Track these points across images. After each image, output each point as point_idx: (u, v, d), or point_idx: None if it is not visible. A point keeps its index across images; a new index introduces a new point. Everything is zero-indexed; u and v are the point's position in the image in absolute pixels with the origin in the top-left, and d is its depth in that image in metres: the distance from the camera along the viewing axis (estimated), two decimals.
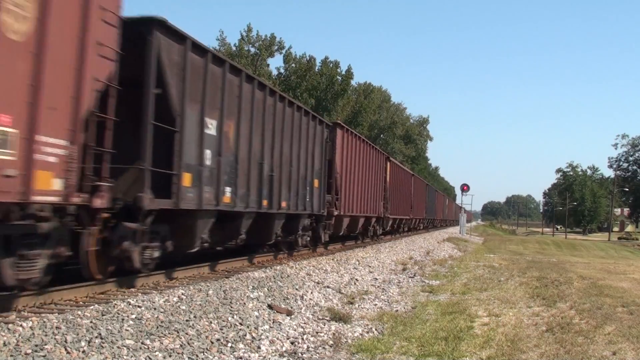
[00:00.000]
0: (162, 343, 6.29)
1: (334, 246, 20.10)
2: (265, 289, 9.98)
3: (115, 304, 7.06)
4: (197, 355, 6.30)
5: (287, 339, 7.75)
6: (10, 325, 5.71)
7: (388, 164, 27.11)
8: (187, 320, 7.19)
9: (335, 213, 17.72)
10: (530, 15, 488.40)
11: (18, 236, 6.18)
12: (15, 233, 6.15)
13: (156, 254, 8.81)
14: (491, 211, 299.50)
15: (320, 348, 7.50)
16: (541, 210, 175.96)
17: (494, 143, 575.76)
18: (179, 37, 8.97)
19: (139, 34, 8.22)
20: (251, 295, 9.25)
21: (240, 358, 6.64)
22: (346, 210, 18.89)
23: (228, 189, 10.57)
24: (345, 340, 8.01)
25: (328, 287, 12.00)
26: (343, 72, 57.58)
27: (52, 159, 6.18)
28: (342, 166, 18.24)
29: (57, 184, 6.30)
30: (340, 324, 8.93)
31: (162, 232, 9.05)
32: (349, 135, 19.18)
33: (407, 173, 32.04)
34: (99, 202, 7.04)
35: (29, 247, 6.29)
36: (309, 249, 16.93)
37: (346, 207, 18.86)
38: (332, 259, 15.76)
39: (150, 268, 8.85)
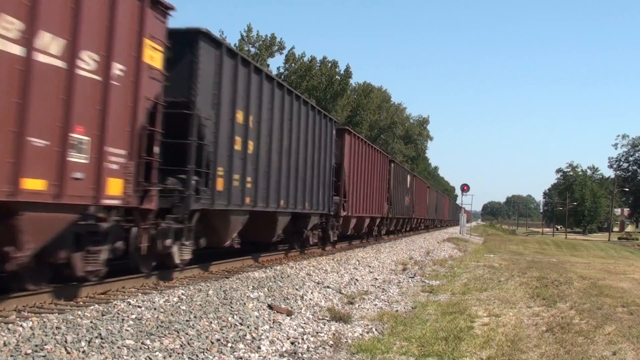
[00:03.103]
0: (162, 343, 6.29)
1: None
2: (266, 289, 9.98)
3: (115, 304, 7.06)
4: (197, 356, 6.30)
5: (287, 339, 7.75)
6: (10, 325, 5.72)
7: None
8: (187, 321, 7.19)
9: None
10: (530, 15, 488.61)
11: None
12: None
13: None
14: (491, 211, 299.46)
15: (320, 348, 7.50)
16: (541, 211, 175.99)
17: (494, 143, 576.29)
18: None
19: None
20: (251, 296, 9.25)
21: (241, 358, 6.63)
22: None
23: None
24: (345, 340, 8.01)
25: (328, 287, 12.00)
26: (342, 72, 57.60)
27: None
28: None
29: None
30: (340, 324, 8.93)
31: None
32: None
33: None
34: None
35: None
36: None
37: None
38: (332, 259, 15.76)
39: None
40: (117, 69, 7.27)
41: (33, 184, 6.02)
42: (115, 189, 7.33)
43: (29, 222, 6.16)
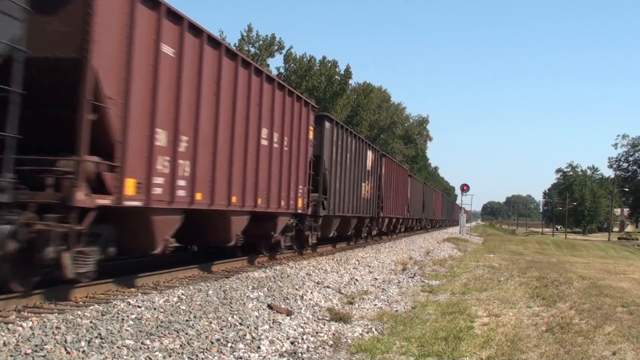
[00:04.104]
0: (162, 343, 6.29)
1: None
2: (265, 289, 9.98)
3: (115, 304, 7.06)
4: (197, 355, 6.30)
5: (287, 339, 7.75)
6: (10, 325, 5.71)
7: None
8: (187, 320, 7.19)
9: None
10: (530, 15, 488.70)
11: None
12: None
13: None
14: (491, 211, 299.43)
15: (320, 348, 7.50)
16: (541, 211, 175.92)
17: (493, 143, 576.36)
18: None
19: None
20: (251, 295, 9.25)
21: (240, 358, 6.63)
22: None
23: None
24: (345, 340, 8.01)
25: (328, 287, 12.00)
26: (342, 72, 57.61)
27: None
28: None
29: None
30: (340, 324, 8.93)
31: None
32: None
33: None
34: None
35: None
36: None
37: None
38: (332, 259, 15.76)
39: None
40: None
41: None
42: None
43: None
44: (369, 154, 22.29)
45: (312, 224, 15.98)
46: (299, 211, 14.45)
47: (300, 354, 7.11)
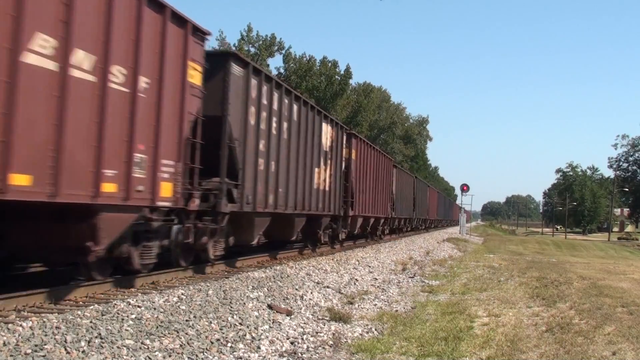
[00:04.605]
0: (162, 343, 6.29)
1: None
2: (265, 289, 9.98)
3: (115, 304, 7.06)
4: (197, 355, 6.30)
5: (287, 339, 7.75)
6: (10, 325, 5.71)
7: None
8: (187, 320, 7.19)
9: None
10: (530, 15, 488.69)
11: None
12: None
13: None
14: (491, 211, 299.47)
15: (320, 348, 7.50)
16: (541, 211, 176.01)
17: (494, 143, 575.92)
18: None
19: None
20: (251, 295, 9.25)
21: (240, 358, 6.64)
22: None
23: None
24: (345, 340, 8.01)
25: (328, 287, 12.00)
26: (342, 72, 57.63)
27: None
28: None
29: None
30: (340, 324, 8.93)
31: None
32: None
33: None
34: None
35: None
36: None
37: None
38: (332, 259, 15.76)
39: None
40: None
41: None
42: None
43: None
44: (326, 128, 16.60)
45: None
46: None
47: (300, 354, 7.11)
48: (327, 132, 16.59)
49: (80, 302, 7.51)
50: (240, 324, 7.80)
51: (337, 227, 18.65)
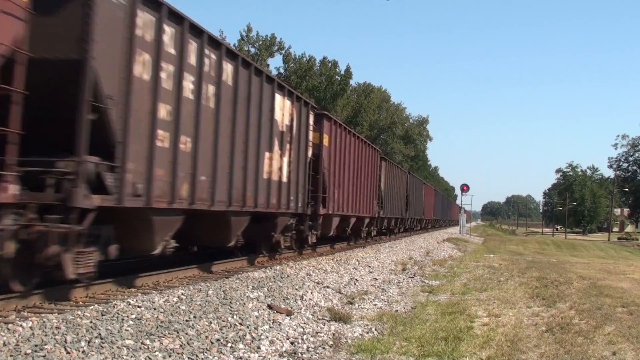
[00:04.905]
0: (162, 343, 6.29)
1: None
2: (265, 289, 9.98)
3: (115, 304, 7.06)
4: (197, 356, 6.30)
5: (287, 339, 7.75)
6: (10, 325, 5.71)
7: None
8: (187, 321, 7.19)
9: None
10: (530, 15, 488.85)
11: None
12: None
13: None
14: (491, 211, 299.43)
15: (320, 348, 7.49)
16: (541, 211, 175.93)
17: (494, 143, 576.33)
18: None
19: None
20: (251, 296, 9.25)
21: (240, 358, 6.64)
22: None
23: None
24: (345, 340, 8.01)
25: (328, 287, 12.00)
26: (342, 72, 57.62)
27: None
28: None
29: None
30: (340, 324, 8.93)
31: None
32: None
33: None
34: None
35: None
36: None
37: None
38: (332, 259, 15.76)
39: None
40: None
41: None
42: None
43: None
44: (282, 102, 13.05)
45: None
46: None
47: (300, 354, 7.11)
48: (283, 106, 12.97)
49: (80, 302, 7.50)
50: (240, 324, 7.79)
51: (305, 229, 15.21)
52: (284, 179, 13.03)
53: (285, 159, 13.11)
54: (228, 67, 10.25)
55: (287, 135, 13.17)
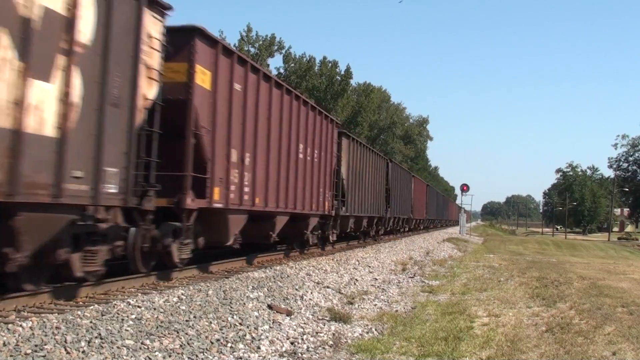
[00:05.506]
0: (162, 343, 6.30)
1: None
2: (265, 289, 9.98)
3: (115, 304, 7.06)
4: (197, 356, 6.30)
5: (287, 339, 7.75)
6: (10, 325, 5.71)
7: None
8: (187, 321, 7.19)
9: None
10: (530, 15, 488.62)
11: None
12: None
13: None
14: (491, 211, 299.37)
15: (320, 348, 7.50)
16: (541, 211, 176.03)
17: (494, 143, 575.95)
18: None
19: None
20: (251, 296, 9.26)
21: (240, 358, 6.64)
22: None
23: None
24: (345, 340, 8.02)
25: (328, 287, 12.00)
26: (342, 72, 57.58)
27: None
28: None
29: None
30: (340, 324, 8.93)
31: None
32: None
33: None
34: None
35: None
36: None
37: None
38: (332, 259, 15.76)
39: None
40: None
41: None
42: None
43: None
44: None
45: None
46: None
47: (300, 354, 7.11)
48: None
49: (80, 302, 7.51)
50: (240, 324, 7.80)
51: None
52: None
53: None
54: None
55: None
